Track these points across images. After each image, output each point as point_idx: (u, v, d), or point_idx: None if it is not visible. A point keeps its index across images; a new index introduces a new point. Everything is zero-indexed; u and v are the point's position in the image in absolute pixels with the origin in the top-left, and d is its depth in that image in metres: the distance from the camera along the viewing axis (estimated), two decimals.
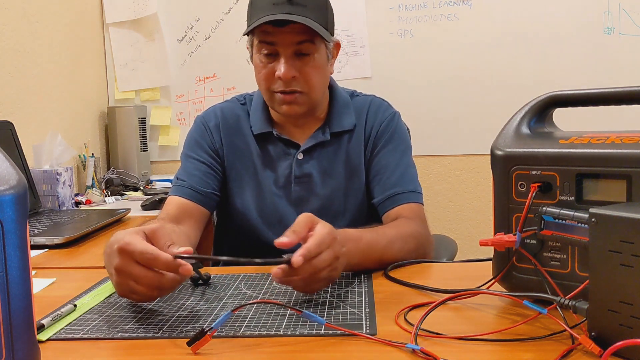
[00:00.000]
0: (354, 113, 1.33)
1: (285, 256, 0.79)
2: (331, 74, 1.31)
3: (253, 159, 1.31)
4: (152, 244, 0.79)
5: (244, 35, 1.23)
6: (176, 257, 0.76)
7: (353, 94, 1.38)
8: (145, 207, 1.95)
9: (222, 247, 1.40)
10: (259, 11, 1.17)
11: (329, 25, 1.23)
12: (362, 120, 1.33)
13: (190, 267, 0.76)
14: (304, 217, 0.84)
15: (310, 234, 0.82)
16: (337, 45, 1.31)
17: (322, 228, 0.83)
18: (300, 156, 1.29)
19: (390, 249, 1.02)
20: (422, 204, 1.27)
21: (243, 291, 0.90)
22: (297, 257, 0.77)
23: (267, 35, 1.19)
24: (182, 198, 1.23)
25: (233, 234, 1.34)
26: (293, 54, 1.19)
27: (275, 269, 0.79)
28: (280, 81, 1.20)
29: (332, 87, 1.35)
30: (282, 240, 0.80)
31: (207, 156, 1.29)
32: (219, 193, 1.29)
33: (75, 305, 0.84)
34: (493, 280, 0.84)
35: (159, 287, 0.78)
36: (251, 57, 1.26)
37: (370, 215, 1.30)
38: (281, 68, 1.18)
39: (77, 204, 2.02)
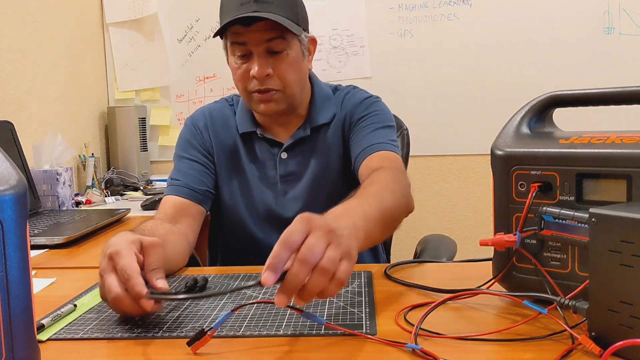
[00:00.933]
0: (335, 106, 1.34)
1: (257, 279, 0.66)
2: (309, 69, 1.31)
3: (241, 157, 1.32)
4: (143, 256, 0.80)
5: (214, 37, 1.24)
6: (148, 295, 0.73)
7: (336, 89, 1.38)
8: (145, 207, 1.95)
9: (216, 246, 1.41)
10: (227, 13, 1.18)
11: (300, 21, 1.23)
12: (340, 109, 1.34)
13: (150, 305, 0.73)
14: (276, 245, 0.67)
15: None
16: (313, 41, 1.31)
17: (288, 227, 0.68)
18: (284, 155, 1.30)
19: (382, 205, 0.92)
20: (400, 155, 1.24)
21: (243, 291, 0.90)
22: (264, 275, 0.64)
23: (237, 36, 1.20)
24: (179, 197, 1.23)
25: (225, 233, 1.35)
26: (265, 52, 1.20)
27: (277, 298, 0.65)
28: (255, 80, 1.21)
29: (313, 83, 1.35)
30: (265, 278, 0.65)
31: (200, 155, 1.31)
32: (214, 191, 1.30)
33: (75, 305, 0.84)
34: (493, 280, 0.84)
35: (118, 304, 0.75)
36: (227, 60, 1.27)
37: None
38: (254, 67, 1.19)
39: (77, 204, 2.02)
